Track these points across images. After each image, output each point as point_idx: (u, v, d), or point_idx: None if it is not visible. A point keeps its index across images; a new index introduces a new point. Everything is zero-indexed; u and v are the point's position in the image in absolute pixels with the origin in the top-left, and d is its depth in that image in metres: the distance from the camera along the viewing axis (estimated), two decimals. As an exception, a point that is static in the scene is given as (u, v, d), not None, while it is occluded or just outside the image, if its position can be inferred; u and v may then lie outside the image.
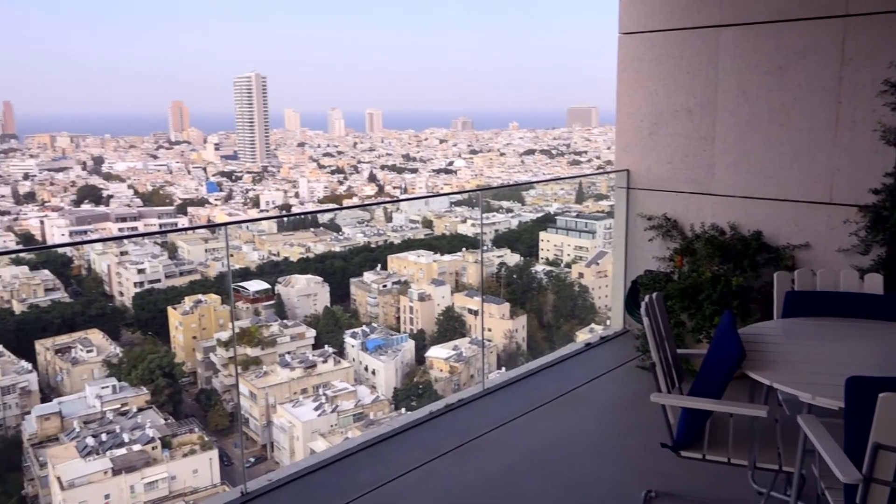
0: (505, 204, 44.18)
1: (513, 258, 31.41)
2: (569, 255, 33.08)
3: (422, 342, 27.07)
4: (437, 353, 25.41)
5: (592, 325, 24.85)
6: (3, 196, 63.70)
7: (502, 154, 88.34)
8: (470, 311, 27.93)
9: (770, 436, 2.99)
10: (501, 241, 34.19)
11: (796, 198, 5.14)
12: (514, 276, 30.14)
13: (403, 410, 21.80)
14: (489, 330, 26.06)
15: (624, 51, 5.99)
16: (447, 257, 31.95)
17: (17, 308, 26.47)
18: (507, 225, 38.90)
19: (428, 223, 43.81)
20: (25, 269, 29.12)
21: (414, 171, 79.77)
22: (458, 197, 53.39)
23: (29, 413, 20.34)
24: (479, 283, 29.81)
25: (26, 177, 70.21)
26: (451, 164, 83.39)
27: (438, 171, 79.31)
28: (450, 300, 28.83)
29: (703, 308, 4.90)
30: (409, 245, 35.75)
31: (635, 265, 6.08)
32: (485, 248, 29.59)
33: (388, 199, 68.38)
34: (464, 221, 41.20)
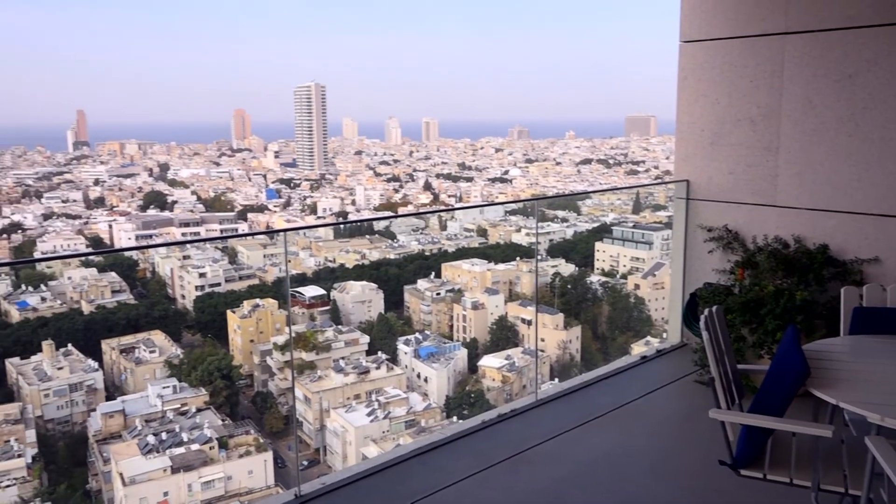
0: (560, 213, 43.90)
1: (567, 268, 31.14)
2: (625, 266, 32.61)
3: (474, 351, 27.04)
4: (490, 363, 25.34)
5: (648, 338, 24.40)
6: (75, 201, 66.49)
7: (558, 163, 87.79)
8: (523, 320, 27.77)
9: (835, 457, 2.88)
10: (556, 250, 33.95)
11: (866, 210, 4.96)
12: (569, 286, 29.87)
13: (455, 419, 21.81)
14: (542, 340, 25.87)
15: (685, 59, 5.90)
16: (501, 266, 31.87)
17: (86, 308, 27.54)
18: (563, 235, 38.60)
19: (482, 232, 43.82)
20: (94, 271, 30.30)
21: (469, 179, 79.96)
22: (514, 206, 53.26)
23: (94, 410, 21.11)
24: (533, 293, 29.67)
25: (97, 182, 73.12)
26: (506, 172, 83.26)
27: (494, 180, 79.29)
28: (503, 309, 28.74)
29: (765, 323, 4.77)
30: (463, 253, 35.83)
31: (694, 277, 5.95)
32: (539, 257, 29.43)
33: (443, 207, 68.67)
34: (518, 230, 41.04)
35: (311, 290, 28.14)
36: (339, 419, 21.68)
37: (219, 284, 31.87)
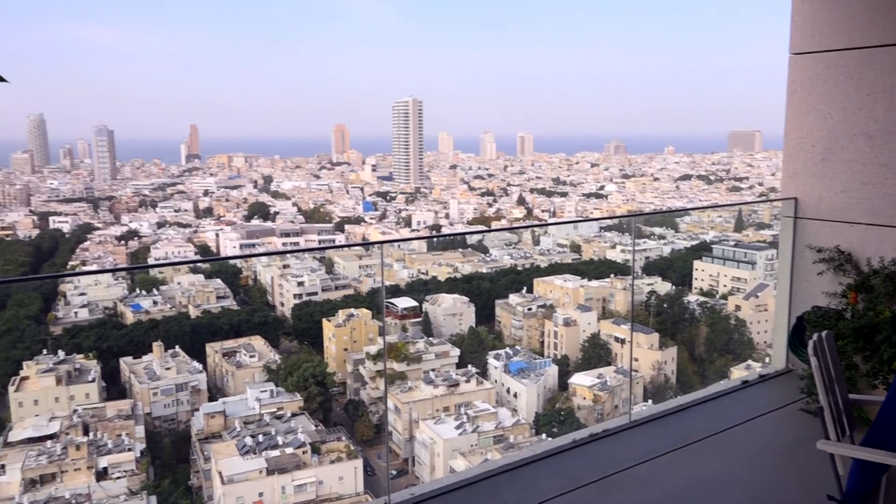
0: (657, 230, 42.84)
1: (664, 287, 30.31)
2: (725, 286, 31.44)
3: (565, 368, 26.70)
4: (581, 381, 24.92)
5: (749, 362, 23.37)
6: (186, 210, 70.38)
7: (656, 179, 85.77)
8: (617, 339, 27.20)
9: (960, 499, 2.67)
10: (652, 268, 33.13)
11: None
12: (665, 305, 29.04)
13: (544, 436, 21.55)
14: (636, 360, 25.23)
15: (795, 72, 5.64)
16: (594, 283, 31.39)
17: (193, 313, 29.03)
18: (659, 252, 37.65)
19: (576, 248, 43.32)
20: (201, 277, 31.95)
21: (563, 194, 79.26)
22: (609, 222, 52.41)
23: (198, 410, 22.15)
24: (627, 311, 29.02)
25: (206, 193, 77.15)
26: (602, 188, 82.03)
27: (588, 196, 78.29)
28: (595, 327, 28.25)
29: (880, 351, 4.47)
30: (555, 269, 35.52)
31: (801, 300, 5.66)
32: (635, 274, 28.88)
33: (537, 222, 68.32)
34: (613, 247, 40.34)
35: (404, 302, 28.59)
36: (428, 431, 21.84)
37: (315, 293, 32.89)
